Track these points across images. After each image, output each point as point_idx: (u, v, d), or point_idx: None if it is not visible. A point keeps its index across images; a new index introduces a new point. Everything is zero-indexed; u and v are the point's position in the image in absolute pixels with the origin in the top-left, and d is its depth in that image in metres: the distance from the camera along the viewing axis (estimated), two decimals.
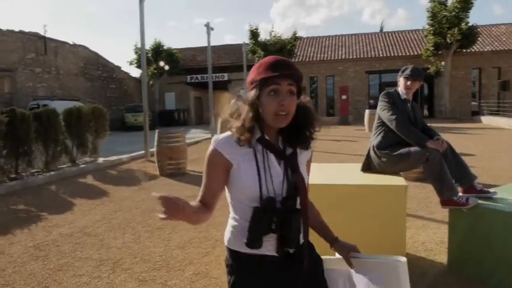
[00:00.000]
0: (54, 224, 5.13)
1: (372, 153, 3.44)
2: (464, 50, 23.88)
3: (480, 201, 3.10)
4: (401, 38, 29.01)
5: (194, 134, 17.64)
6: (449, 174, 3.15)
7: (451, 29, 22.88)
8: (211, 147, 1.44)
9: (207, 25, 16.89)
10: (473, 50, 24.65)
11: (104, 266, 3.70)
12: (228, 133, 1.44)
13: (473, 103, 26.04)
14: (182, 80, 29.91)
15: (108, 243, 4.31)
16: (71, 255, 4.01)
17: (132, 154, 10.84)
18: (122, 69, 29.26)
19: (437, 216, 4.80)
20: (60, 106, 9.11)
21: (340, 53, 27.87)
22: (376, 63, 26.10)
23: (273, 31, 25.67)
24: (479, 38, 24.48)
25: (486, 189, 3.23)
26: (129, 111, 24.79)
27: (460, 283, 3.14)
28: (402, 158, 3.21)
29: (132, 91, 29.65)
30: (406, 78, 3.43)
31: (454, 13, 22.93)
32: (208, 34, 16.84)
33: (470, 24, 23.13)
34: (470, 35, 23.10)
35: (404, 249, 3.07)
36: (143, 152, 10.86)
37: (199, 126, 25.04)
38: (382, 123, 3.40)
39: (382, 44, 28.25)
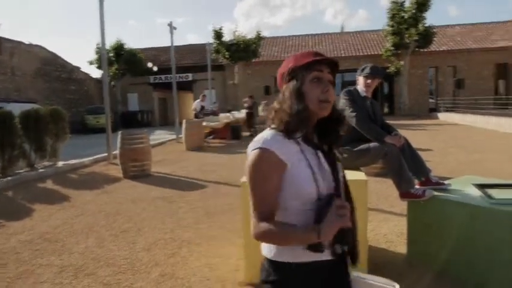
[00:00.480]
0: (12, 231, 4.93)
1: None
2: (422, 50, 24.79)
3: (436, 193, 3.24)
4: (362, 38, 29.77)
5: (158, 135, 17.40)
6: (407, 168, 3.29)
7: (409, 30, 23.71)
8: (258, 150, 1.26)
9: (170, 24, 16.68)
10: (430, 50, 25.63)
11: (66, 272, 3.60)
12: (270, 131, 1.32)
13: (430, 100, 27.08)
14: (145, 81, 29.41)
15: (70, 249, 4.19)
16: (31, 262, 3.87)
17: (95, 157, 10.57)
18: (82, 69, 28.40)
19: (397, 210, 4.97)
20: (16, 108, 8.73)
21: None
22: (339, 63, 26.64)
23: (236, 31, 25.70)
24: (435, 38, 25.48)
25: (441, 181, 3.39)
26: (90, 113, 24.07)
27: (419, 272, 3.28)
28: (362, 153, 3.32)
29: (93, 92, 28.84)
30: (366, 77, 3.54)
31: (411, 14, 23.78)
32: (171, 33, 16.64)
33: (427, 25, 24.05)
34: (427, 36, 24.02)
35: (366, 242, 3.17)
36: (106, 154, 10.60)
37: (164, 127, 24.69)
38: None
39: (344, 44, 28.88)
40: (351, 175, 3.23)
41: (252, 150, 1.29)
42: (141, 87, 29.58)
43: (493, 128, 15.35)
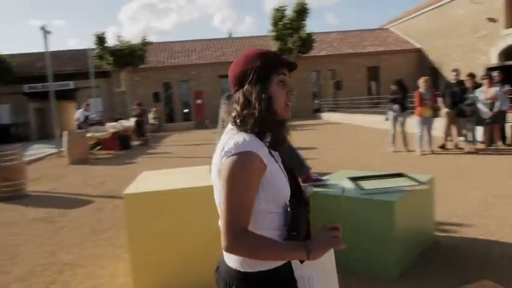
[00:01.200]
0: None
1: None
2: (304, 55, 26.45)
3: (316, 189, 3.46)
4: (249, 43, 30.71)
5: (36, 150, 15.79)
6: None
7: (292, 36, 25.14)
8: (244, 153, 1.16)
9: (43, 28, 15.27)
10: (311, 55, 27.47)
11: None
12: (246, 134, 1.21)
13: (315, 102, 29.01)
14: (18, 90, 26.46)
15: None
16: None
17: None
18: None
19: None
20: None
21: (192, 58, 28.17)
22: (227, 68, 26.93)
23: (121, 35, 24.57)
24: (315, 44, 27.40)
25: (320, 177, 3.63)
26: None
27: None
28: None
29: None
30: None
31: (292, 21, 25.24)
32: (45, 38, 15.25)
33: (307, 32, 25.74)
34: (307, 42, 25.72)
35: None
36: None
37: (43, 140, 22.50)
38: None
39: (232, 49, 29.48)
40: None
41: (233, 155, 1.17)
42: (14, 97, 26.56)
43: (367, 125, 17.01)
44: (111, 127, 14.51)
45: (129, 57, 23.66)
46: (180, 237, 3.10)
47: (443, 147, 8.94)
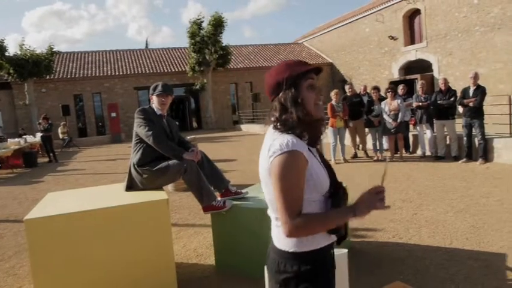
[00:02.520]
0: None
1: (133, 171, 3.38)
2: (222, 68, 26.64)
3: (235, 202, 3.43)
4: (167, 54, 30.20)
5: None
6: (207, 182, 3.39)
7: (209, 49, 25.21)
8: (290, 152, 1.34)
9: None
10: (229, 67, 27.76)
11: None
12: (288, 135, 1.40)
13: (235, 114, 29.28)
14: None
15: None
16: None
17: None
18: None
19: (207, 222, 5.08)
20: None
21: (105, 69, 26.92)
22: (143, 79, 26.31)
23: (24, 44, 22.66)
24: (232, 57, 27.76)
25: (239, 190, 3.60)
26: None
27: (228, 281, 3.40)
28: (162, 172, 3.26)
29: None
30: (161, 95, 3.50)
31: (209, 34, 25.34)
32: None
33: (224, 45, 25.99)
34: (225, 55, 25.97)
35: (172, 261, 3.12)
36: None
37: None
38: (140, 140, 3.38)
39: (149, 61, 28.74)
40: (151, 196, 3.15)
41: (280, 154, 1.35)
42: None
43: None
44: (14, 143, 13.27)
45: (33, 67, 21.89)
46: (90, 265, 2.86)
47: (355, 156, 9.51)
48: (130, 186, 3.42)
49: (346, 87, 9.54)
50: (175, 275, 3.11)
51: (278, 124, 1.44)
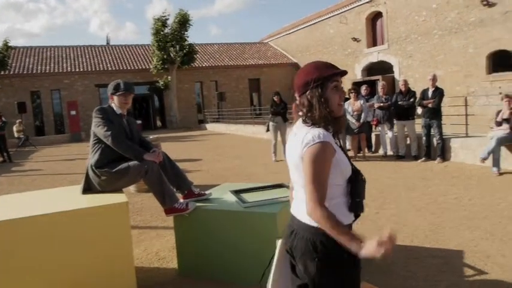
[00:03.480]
0: None
1: (90, 172, 3.23)
2: (187, 66, 26.30)
3: (198, 204, 3.35)
4: (130, 51, 29.49)
5: None
6: (169, 184, 3.29)
7: (174, 47, 24.82)
8: (321, 144, 1.57)
9: None
10: (194, 66, 27.44)
11: None
12: (318, 128, 1.62)
13: (200, 113, 28.98)
14: None
15: None
16: None
17: None
18: None
19: (170, 224, 4.94)
20: None
21: (65, 65, 25.95)
22: (105, 77, 25.54)
23: None
24: (198, 55, 27.47)
25: (203, 192, 3.52)
26: None
27: (191, 285, 3.32)
28: (122, 173, 3.13)
29: None
30: (123, 95, 3.35)
31: (174, 31, 24.95)
32: None
33: (189, 43, 25.66)
34: (190, 53, 25.65)
35: (132, 266, 3.00)
36: None
37: None
38: (99, 140, 3.23)
39: (111, 57, 27.97)
40: (110, 199, 3.02)
41: (313, 144, 1.57)
42: None
43: (251, 135, 17.53)
44: None
45: None
46: (41, 275, 2.68)
47: None
48: (88, 189, 3.26)
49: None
50: (135, 280, 3.00)
51: (306, 118, 1.67)
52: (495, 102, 13.06)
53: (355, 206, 1.67)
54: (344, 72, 1.69)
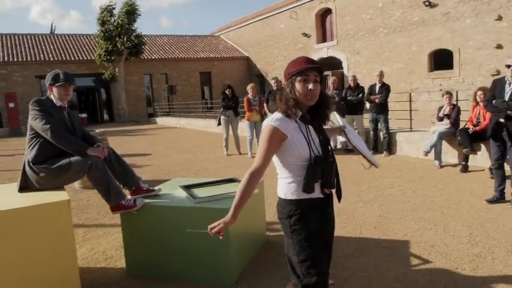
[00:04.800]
0: None
1: (28, 169, 2.99)
2: (134, 58, 25.45)
3: (147, 200, 3.22)
4: (75, 41, 28.08)
5: None
6: (115, 180, 3.13)
7: (121, 37, 23.92)
8: (269, 127, 1.87)
9: None
10: (143, 58, 26.62)
11: None
12: (278, 114, 1.91)
13: (150, 106, 28.21)
14: None
15: None
16: None
17: None
18: None
19: (118, 221, 4.76)
20: None
21: (1, 54, 24.21)
22: (47, 68, 24.08)
23: None
24: (147, 47, 26.66)
25: (152, 187, 3.39)
26: None
27: (140, 284, 3.18)
28: (63, 170, 2.93)
29: None
30: (63, 86, 3.12)
31: (121, 22, 24.03)
32: None
33: (136, 34, 24.82)
34: (138, 44, 24.84)
35: (75, 267, 2.82)
36: None
37: None
38: (36, 134, 3.00)
39: (53, 47, 26.48)
40: (49, 197, 2.82)
41: (265, 125, 1.90)
42: None
43: (202, 129, 17.31)
44: None
45: None
46: None
47: None
48: (25, 187, 3.02)
49: (272, 82, 9.58)
50: (79, 282, 2.83)
51: (277, 105, 1.95)
52: (436, 98, 13.79)
53: (305, 186, 1.88)
54: (316, 68, 1.90)
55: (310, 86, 1.87)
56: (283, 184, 1.98)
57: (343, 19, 20.50)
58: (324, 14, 22.24)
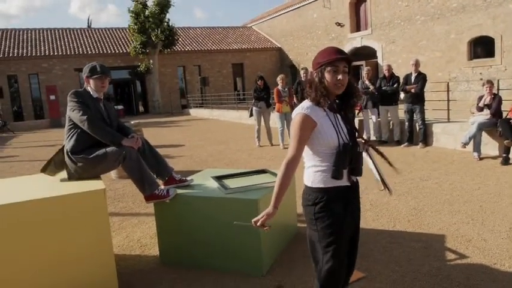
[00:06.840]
0: None
1: (66, 159, 3.11)
2: (168, 50, 25.81)
3: (180, 191, 3.28)
4: (111, 35, 28.80)
5: None
6: (149, 170, 3.20)
7: (154, 30, 24.30)
8: (300, 115, 1.91)
9: None
10: (177, 50, 26.97)
11: None
12: (307, 102, 1.96)
13: (183, 98, 28.62)
14: None
15: None
16: None
17: None
18: None
19: (152, 210, 4.88)
20: None
21: (43, 48, 25.20)
22: (85, 60, 24.89)
23: None
24: (180, 39, 26.96)
25: (184, 178, 3.45)
26: None
27: (173, 272, 3.26)
28: (99, 160, 3.02)
29: None
30: (99, 78, 3.21)
31: (154, 14, 24.39)
32: None
33: (170, 26, 25.13)
34: (171, 36, 25.16)
35: (111, 254, 2.92)
36: None
37: None
38: (74, 125, 3.10)
39: (90, 40, 27.27)
40: (86, 185, 2.92)
41: (296, 114, 1.94)
42: None
43: (234, 120, 17.41)
44: None
45: None
46: (17, 264, 2.59)
47: None
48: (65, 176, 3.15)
49: (302, 72, 9.50)
50: (115, 268, 2.92)
51: (306, 93, 2.00)
52: (476, 88, 13.25)
53: (334, 171, 1.91)
54: (345, 59, 1.91)
55: (340, 77, 1.89)
56: (311, 172, 2.00)
57: (378, 7, 19.96)
58: (358, 2, 21.72)
